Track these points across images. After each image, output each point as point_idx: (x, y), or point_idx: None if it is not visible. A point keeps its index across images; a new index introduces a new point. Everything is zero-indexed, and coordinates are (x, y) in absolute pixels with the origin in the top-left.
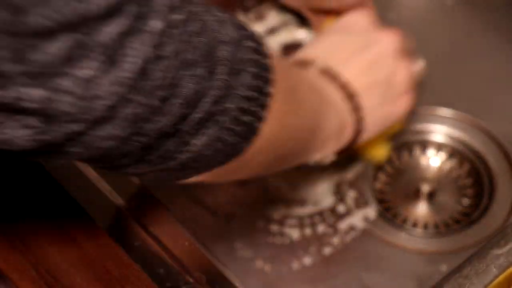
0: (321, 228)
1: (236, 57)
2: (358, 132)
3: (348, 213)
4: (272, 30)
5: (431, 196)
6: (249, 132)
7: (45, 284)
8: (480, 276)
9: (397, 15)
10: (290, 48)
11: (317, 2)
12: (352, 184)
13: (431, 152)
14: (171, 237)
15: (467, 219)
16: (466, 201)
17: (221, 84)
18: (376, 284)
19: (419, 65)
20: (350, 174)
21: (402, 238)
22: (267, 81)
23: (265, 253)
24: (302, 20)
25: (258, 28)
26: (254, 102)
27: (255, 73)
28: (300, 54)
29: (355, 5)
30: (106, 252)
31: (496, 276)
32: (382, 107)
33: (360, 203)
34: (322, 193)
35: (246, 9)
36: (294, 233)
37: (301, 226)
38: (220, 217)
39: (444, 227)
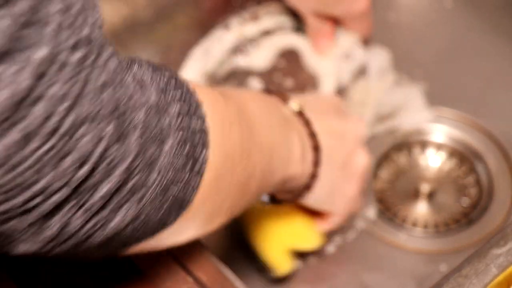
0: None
1: (154, 123)
2: (307, 187)
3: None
4: (267, 32)
5: (430, 196)
6: (179, 205)
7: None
8: (479, 276)
9: (397, 16)
10: (286, 54)
11: (325, 8)
12: None
13: (430, 152)
14: None
15: (466, 218)
16: (465, 201)
17: (136, 151)
18: (376, 284)
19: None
20: None
21: (401, 238)
22: (202, 146)
23: None
24: (297, 25)
25: (252, 28)
26: (184, 171)
27: (184, 140)
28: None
29: (359, 17)
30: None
31: (496, 276)
32: (335, 177)
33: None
34: None
35: (243, 9)
36: None
37: None
38: None
39: (443, 226)
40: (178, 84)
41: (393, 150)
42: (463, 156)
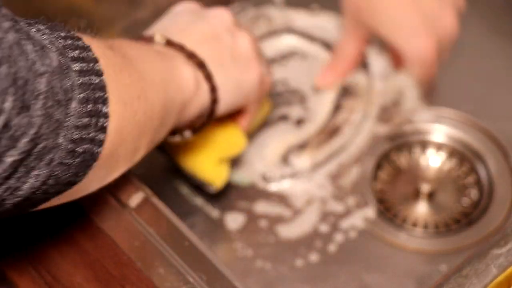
0: (321, 228)
1: (57, 88)
2: (214, 100)
3: (348, 213)
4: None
5: (431, 196)
6: (88, 160)
7: (45, 284)
8: (479, 276)
9: None
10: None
11: (371, 25)
12: (352, 184)
13: (431, 152)
14: (170, 237)
15: (466, 219)
16: (465, 201)
17: (41, 120)
18: (376, 284)
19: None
20: (351, 173)
21: (402, 238)
22: (103, 101)
23: (265, 253)
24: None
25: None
26: (89, 129)
27: (86, 98)
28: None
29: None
30: (106, 252)
31: (496, 276)
32: (232, 75)
33: (360, 203)
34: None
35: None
36: (295, 233)
37: (301, 226)
38: (219, 216)
39: (444, 227)
40: (75, 42)
41: (393, 150)
42: (463, 156)
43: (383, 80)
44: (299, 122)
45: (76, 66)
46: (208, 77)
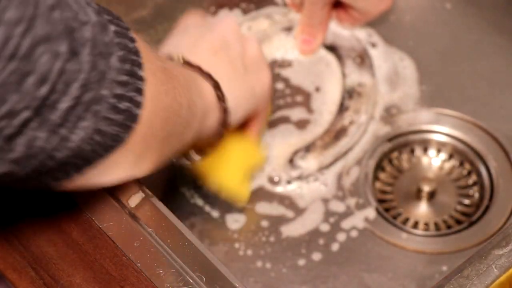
0: (321, 228)
1: (100, 40)
2: (223, 123)
3: (348, 213)
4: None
5: (432, 197)
6: (129, 120)
7: (44, 285)
8: (481, 277)
9: (397, 16)
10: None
11: None
12: (353, 184)
13: (432, 152)
14: (170, 237)
15: (468, 219)
16: (467, 201)
17: (88, 66)
18: (376, 284)
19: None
20: (351, 174)
21: (402, 238)
22: (138, 64)
23: (265, 253)
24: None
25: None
26: (128, 87)
27: (124, 57)
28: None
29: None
30: (106, 252)
31: (497, 277)
32: (245, 84)
33: (361, 203)
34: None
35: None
36: (294, 233)
37: (301, 226)
38: (219, 216)
39: (445, 227)
40: (107, 10)
41: (394, 151)
42: (464, 156)
43: (387, 81)
44: (303, 123)
45: (113, 27)
46: (221, 98)
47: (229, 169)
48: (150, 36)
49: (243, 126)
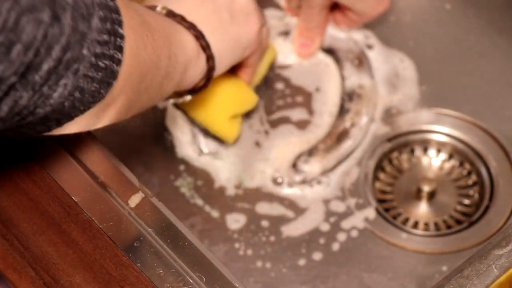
0: (321, 228)
1: (81, 2)
2: (210, 69)
3: (348, 213)
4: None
5: (431, 197)
6: (108, 77)
7: (44, 285)
8: (481, 277)
9: (397, 16)
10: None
11: None
12: (353, 184)
13: (432, 152)
14: (170, 238)
15: (468, 219)
16: (467, 201)
17: (69, 29)
18: (376, 284)
19: None
20: (351, 174)
21: (402, 238)
22: (118, 22)
23: (265, 253)
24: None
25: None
26: (108, 45)
27: (105, 16)
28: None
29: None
30: (106, 252)
31: (497, 277)
32: (230, 33)
33: (361, 203)
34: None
35: None
36: (294, 233)
37: (301, 226)
38: (219, 216)
39: (444, 227)
40: None
41: (394, 151)
42: (464, 156)
43: (387, 82)
44: (303, 124)
45: None
46: (205, 47)
47: (217, 108)
48: None
49: (234, 69)
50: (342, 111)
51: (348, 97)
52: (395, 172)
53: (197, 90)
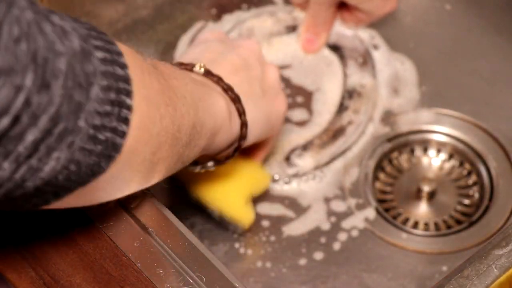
0: (321, 228)
1: (79, 70)
2: (242, 137)
3: (348, 213)
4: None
5: (431, 197)
6: (110, 150)
7: (44, 285)
8: (481, 277)
9: (397, 16)
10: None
11: None
12: (353, 184)
13: (432, 152)
14: (170, 238)
15: (468, 219)
16: (467, 201)
17: (60, 98)
18: (376, 285)
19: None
20: (351, 174)
21: (402, 238)
22: (126, 93)
23: (265, 253)
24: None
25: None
26: (110, 117)
27: (109, 86)
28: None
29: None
30: (106, 252)
31: (497, 277)
32: (262, 108)
33: (361, 203)
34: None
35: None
36: (294, 233)
37: (302, 225)
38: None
39: (444, 227)
40: (99, 34)
41: (394, 151)
42: (464, 156)
43: (388, 82)
44: (303, 122)
45: (99, 54)
46: (242, 112)
47: (233, 193)
48: (150, 36)
49: (248, 150)
50: (341, 108)
51: (349, 94)
52: (395, 172)
53: (223, 160)
